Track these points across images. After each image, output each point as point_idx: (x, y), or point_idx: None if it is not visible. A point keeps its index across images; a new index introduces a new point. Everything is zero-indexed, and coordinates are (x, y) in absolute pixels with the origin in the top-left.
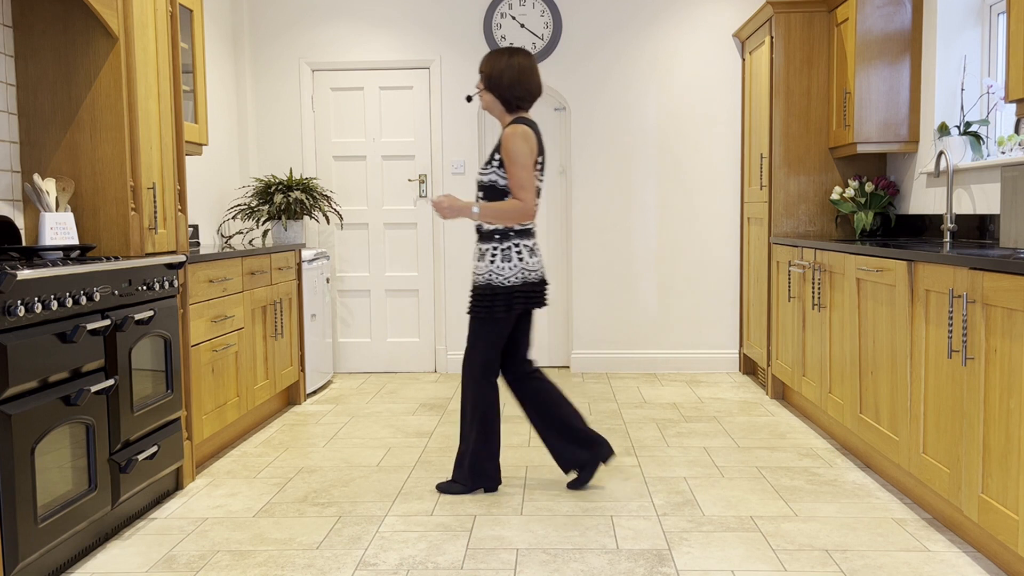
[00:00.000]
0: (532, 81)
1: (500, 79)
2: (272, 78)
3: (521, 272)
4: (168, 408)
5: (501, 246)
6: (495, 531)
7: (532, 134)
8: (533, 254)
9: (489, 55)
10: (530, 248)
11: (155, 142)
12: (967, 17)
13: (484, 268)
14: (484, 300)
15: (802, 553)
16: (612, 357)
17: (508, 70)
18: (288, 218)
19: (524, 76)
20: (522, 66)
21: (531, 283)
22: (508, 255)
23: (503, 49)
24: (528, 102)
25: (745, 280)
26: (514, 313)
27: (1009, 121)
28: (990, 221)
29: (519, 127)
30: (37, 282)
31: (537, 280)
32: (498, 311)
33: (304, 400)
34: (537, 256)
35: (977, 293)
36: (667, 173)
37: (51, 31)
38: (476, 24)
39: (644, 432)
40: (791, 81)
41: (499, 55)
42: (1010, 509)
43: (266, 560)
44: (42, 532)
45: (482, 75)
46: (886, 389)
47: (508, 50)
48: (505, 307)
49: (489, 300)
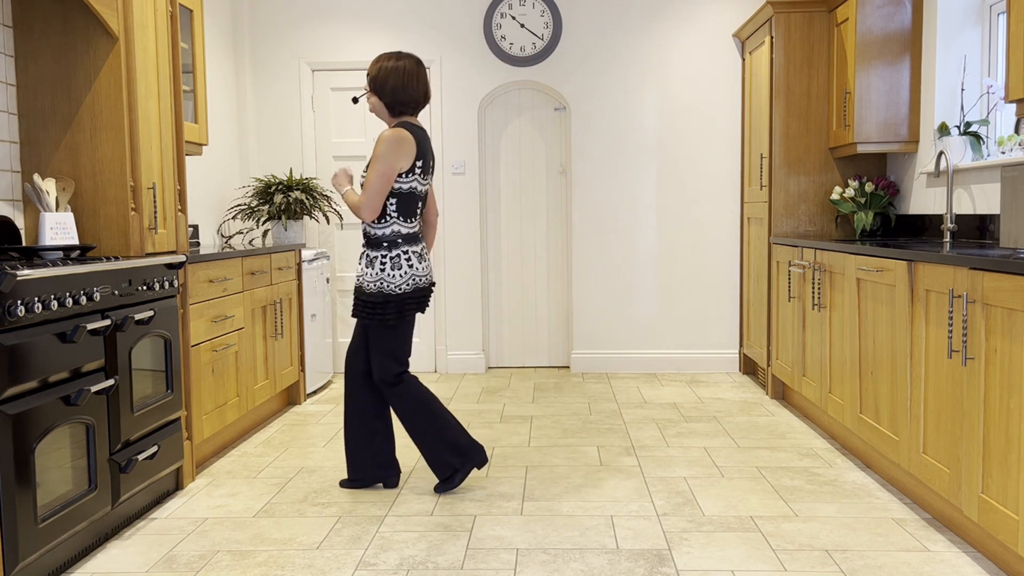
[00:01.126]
0: (417, 87)
1: (384, 83)
2: (272, 78)
3: (412, 279)
4: (168, 408)
5: (390, 254)
6: (495, 531)
7: (406, 136)
8: (421, 259)
9: (377, 58)
10: (418, 254)
11: (155, 142)
12: (967, 17)
13: (375, 276)
14: (376, 308)
15: (802, 553)
16: (612, 357)
17: (392, 74)
18: (288, 218)
19: (408, 81)
20: (407, 71)
21: (421, 288)
22: (398, 263)
23: (392, 52)
24: (412, 108)
25: (745, 280)
26: (406, 318)
27: (1009, 121)
28: (990, 221)
29: (397, 131)
30: (37, 282)
31: (425, 285)
32: (389, 318)
33: (304, 400)
34: (425, 261)
35: (977, 293)
36: (667, 173)
37: (51, 31)
38: (476, 24)
39: (644, 432)
40: (791, 81)
41: (387, 58)
42: (1010, 509)
43: (266, 560)
44: (42, 532)
45: (368, 78)
46: (886, 389)
47: (396, 54)
48: (397, 314)
49: (381, 308)
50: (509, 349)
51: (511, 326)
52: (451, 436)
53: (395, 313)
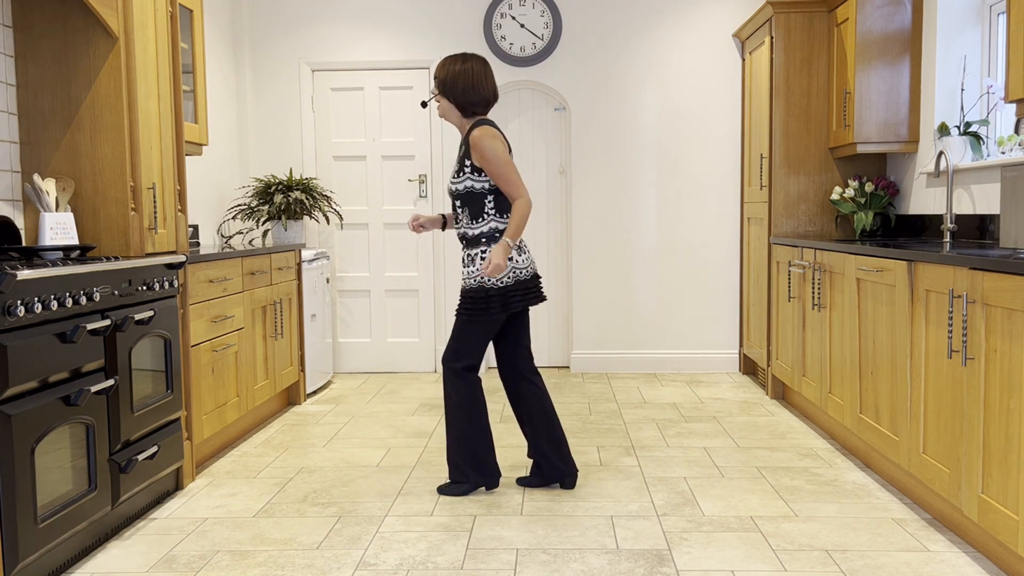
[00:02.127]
0: (486, 86)
1: (455, 85)
2: (272, 78)
3: (512, 272)
4: (168, 408)
5: (489, 249)
6: (495, 531)
7: (499, 133)
8: (521, 252)
9: (444, 61)
10: (517, 247)
11: (155, 142)
12: (967, 17)
13: (475, 272)
14: (478, 303)
15: (802, 553)
16: (612, 357)
17: (462, 75)
18: (288, 218)
19: (478, 81)
20: (476, 71)
21: (523, 281)
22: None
23: (457, 55)
24: (483, 107)
25: (745, 280)
26: (510, 312)
27: (1009, 121)
28: (990, 221)
29: (485, 128)
30: (37, 282)
31: (528, 277)
32: (494, 311)
33: (304, 400)
34: (525, 253)
35: (977, 293)
36: (667, 173)
37: (51, 31)
38: (476, 24)
39: (644, 432)
40: (791, 81)
41: (453, 61)
42: (1010, 509)
43: (266, 560)
44: (42, 532)
45: (436, 81)
46: (886, 389)
47: (462, 56)
48: (501, 307)
49: (484, 302)
50: None
51: None
52: (482, 452)
53: (499, 306)
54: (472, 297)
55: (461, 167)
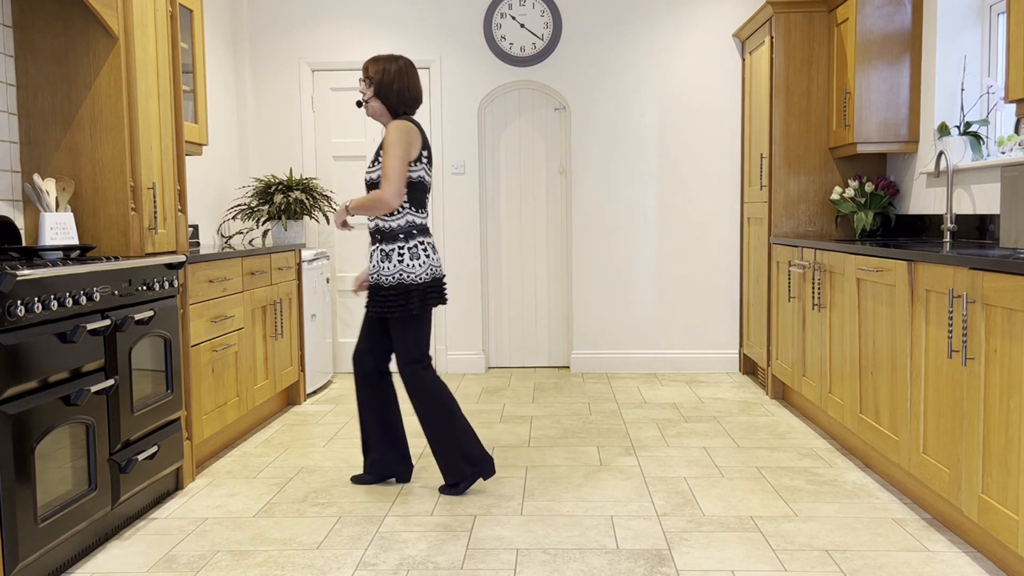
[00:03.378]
0: (417, 87)
1: (390, 86)
2: (272, 78)
3: (429, 268)
4: (168, 408)
5: (407, 244)
6: (495, 531)
7: (413, 127)
8: (435, 250)
9: (376, 61)
10: (432, 245)
11: (155, 142)
12: (967, 17)
13: (393, 268)
14: (398, 299)
15: (802, 553)
16: (612, 357)
17: (397, 77)
18: (288, 218)
19: (411, 82)
20: (408, 72)
21: (437, 279)
22: (416, 253)
23: (388, 56)
24: (413, 109)
25: (745, 280)
26: (428, 308)
27: (1009, 121)
28: (990, 221)
29: (403, 121)
30: (37, 282)
31: (440, 276)
32: (413, 308)
33: (304, 400)
34: (437, 252)
35: (977, 293)
36: (667, 173)
37: (51, 31)
38: (476, 24)
39: (644, 432)
40: (791, 81)
41: (387, 61)
42: (1010, 509)
43: (266, 560)
44: (42, 532)
45: (370, 81)
46: (886, 389)
47: (393, 56)
48: (420, 303)
49: (404, 298)
50: (509, 349)
51: (511, 326)
52: (465, 444)
53: (418, 303)
54: (390, 295)
55: (376, 158)
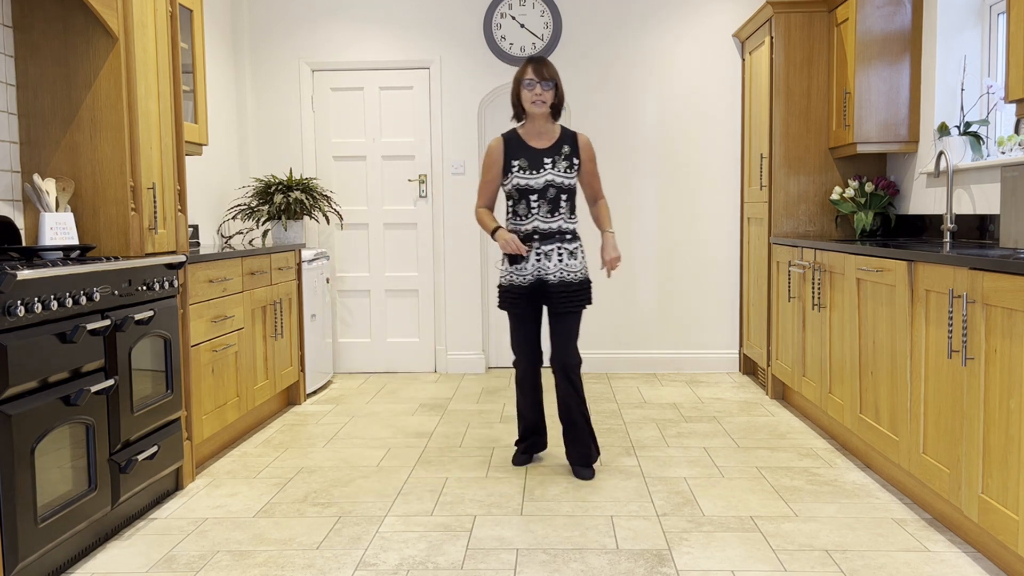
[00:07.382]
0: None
1: (562, 90)
2: (272, 78)
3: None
4: (168, 408)
5: (580, 244)
6: (495, 531)
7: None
8: None
9: (551, 65)
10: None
11: (155, 142)
12: (967, 17)
13: (581, 264)
14: (588, 293)
15: (802, 553)
16: (612, 357)
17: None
18: (288, 218)
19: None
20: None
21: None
22: (583, 250)
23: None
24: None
25: (745, 280)
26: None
27: (1009, 121)
28: (990, 221)
29: (584, 134)
30: (37, 282)
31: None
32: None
33: (304, 400)
34: None
35: (977, 293)
36: (667, 173)
37: (51, 31)
38: (476, 24)
39: (644, 432)
40: (791, 81)
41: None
42: (1010, 509)
43: (266, 560)
44: (42, 532)
45: (554, 83)
46: (886, 389)
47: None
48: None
49: (589, 292)
50: (509, 349)
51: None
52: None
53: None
54: (586, 288)
55: (572, 163)
